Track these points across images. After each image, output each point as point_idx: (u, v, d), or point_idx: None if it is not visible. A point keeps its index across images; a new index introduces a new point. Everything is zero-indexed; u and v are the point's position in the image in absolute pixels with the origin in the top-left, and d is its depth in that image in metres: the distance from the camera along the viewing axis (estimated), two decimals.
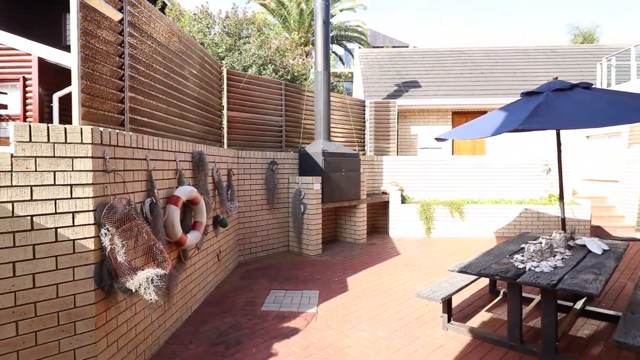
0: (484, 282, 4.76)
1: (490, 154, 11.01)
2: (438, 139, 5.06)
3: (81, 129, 2.41)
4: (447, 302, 3.58)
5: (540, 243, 3.51)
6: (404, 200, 8.45)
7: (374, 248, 7.06)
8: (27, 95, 7.06)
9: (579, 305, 3.90)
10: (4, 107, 6.63)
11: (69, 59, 3.81)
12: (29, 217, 2.27)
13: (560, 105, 3.93)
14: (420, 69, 12.21)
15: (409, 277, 5.27)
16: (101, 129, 2.55)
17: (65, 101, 5.64)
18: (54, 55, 7.01)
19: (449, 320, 3.62)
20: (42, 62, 7.07)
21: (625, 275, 5.30)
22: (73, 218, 2.39)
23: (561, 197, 4.77)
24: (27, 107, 7.06)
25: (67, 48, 7.56)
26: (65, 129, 2.37)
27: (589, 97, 3.93)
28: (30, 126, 2.28)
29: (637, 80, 8.65)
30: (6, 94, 6.84)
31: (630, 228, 8.30)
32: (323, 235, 7.35)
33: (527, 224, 7.99)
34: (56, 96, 6.11)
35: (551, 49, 13.20)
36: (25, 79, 7.03)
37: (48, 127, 2.33)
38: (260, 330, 3.56)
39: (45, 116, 7.25)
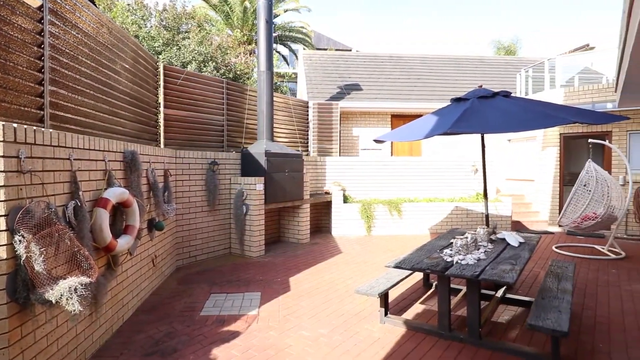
0: (419, 275, 5.05)
1: (426, 155, 11.68)
2: (377, 141, 5.29)
3: None
4: (384, 297, 3.74)
5: (466, 238, 3.82)
6: (346, 200, 8.66)
7: (316, 247, 7.16)
8: None
9: (500, 293, 4.29)
10: None
11: None
12: None
13: (484, 111, 4.30)
14: (362, 73, 12.60)
15: (350, 274, 5.42)
16: (15, 125, 2.32)
17: None
18: None
19: (385, 314, 3.79)
20: None
21: (539, 265, 5.92)
22: None
23: (485, 195, 5.21)
24: None
25: None
26: None
27: (508, 105, 4.34)
28: None
29: (549, 90, 9.69)
30: None
31: (544, 222, 9.28)
32: (266, 236, 7.30)
33: (458, 220, 8.60)
34: None
35: (479, 59, 14.33)
36: None
37: None
38: (198, 336, 3.45)
39: None
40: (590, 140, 7.30)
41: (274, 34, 17.94)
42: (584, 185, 6.50)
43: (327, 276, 5.32)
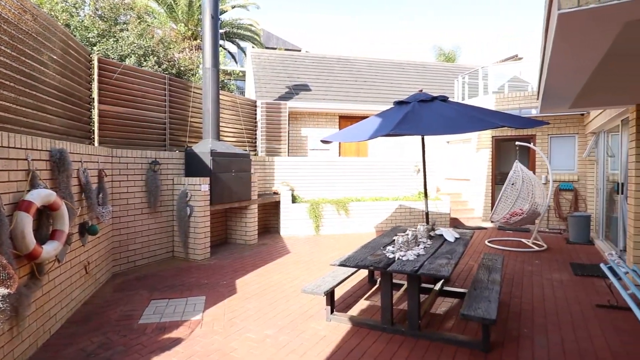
0: (364, 272, 5.20)
1: (372, 156, 12.04)
2: (323, 141, 5.36)
3: None
4: (329, 295, 3.80)
5: (407, 235, 4.00)
6: (294, 199, 8.68)
7: (265, 248, 7.09)
8: None
9: (438, 286, 4.54)
10: None
11: None
12: None
13: (423, 114, 4.53)
14: (311, 74, 12.69)
15: (298, 274, 5.44)
16: None
17: None
18: None
19: (331, 312, 3.86)
20: None
21: (473, 258, 6.36)
22: None
23: (425, 194, 5.49)
24: None
25: None
26: None
27: (445, 109, 4.61)
28: None
29: (483, 96, 10.43)
30: None
31: (478, 219, 9.98)
32: (212, 237, 7.10)
33: (402, 218, 8.98)
34: None
35: (421, 64, 15.05)
36: None
37: None
38: (136, 346, 3.27)
39: None
40: (517, 142, 7.99)
41: (220, 31, 17.48)
42: (512, 184, 7.10)
43: (275, 277, 5.29)
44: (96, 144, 5.73)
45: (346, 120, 11.83)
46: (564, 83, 3.81)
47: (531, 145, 7.99)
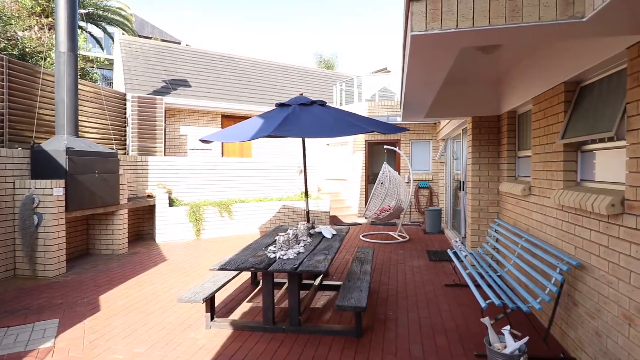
0: (247, 275, 5.15)
1: (256, 157, 12.01)
2: (203, 141, 5.14)
3: None
4: (209, 301, 3.66)
5: (289, 234, 4.11)
6: (172, 202, 8.09)
7: (137, 257, 6.44)
8: None
9: (317, 281, 4.79)
10: None
11: None
12: None
13: (303, 117, 4.72)
14: (191, 69, 12.00)
15: (175, 282, 5.09)
16: None
17: None
18: None
19: (212, 319, 3.72)
20: None
21: (350, 252, 6.88)
22: None
23: (306, 194, 5.73)
24: None
25: None
26: None
27: (322, 113, 4.88)
28: None
29: (358, 103, 11.38)
30: None
31: (354, 215, 10.84)
32: (69, 249, 6.14)
33: (286, 217, 9.17)
34: None
35: (304, 69, 15.63)
36: None
37: None
38: None
39: None
40: (385, 146, 8.94)
41: (81, 11, 15.19)
42: (382, 184, 7.92)
43: (148, 288, 4.85)
44: None
45: (229, 119, 11.54)
46: (418, 96, 4.42)
47: (396, 149, 9.03)
